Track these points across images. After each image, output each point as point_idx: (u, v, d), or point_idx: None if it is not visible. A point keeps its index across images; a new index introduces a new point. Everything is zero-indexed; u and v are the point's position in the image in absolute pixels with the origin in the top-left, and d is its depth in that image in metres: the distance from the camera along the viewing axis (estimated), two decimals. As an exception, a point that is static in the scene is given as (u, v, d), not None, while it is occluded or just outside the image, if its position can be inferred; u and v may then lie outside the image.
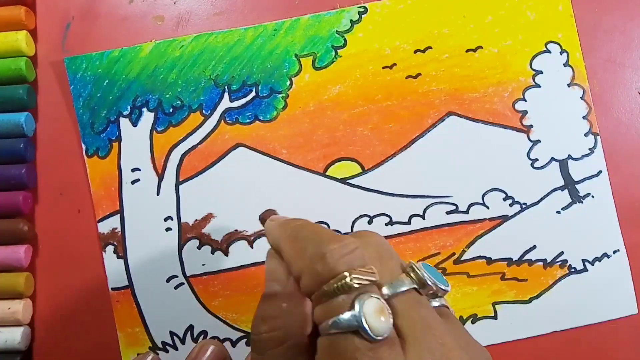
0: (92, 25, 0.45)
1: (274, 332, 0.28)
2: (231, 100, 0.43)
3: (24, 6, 0.43)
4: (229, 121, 0.43)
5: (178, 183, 0.43)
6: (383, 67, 0.44)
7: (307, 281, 0.28)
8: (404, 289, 0.27)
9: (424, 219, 0.43)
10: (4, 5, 0.43)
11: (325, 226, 0.43)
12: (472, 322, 0.43)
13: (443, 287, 0.29)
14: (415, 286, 0.27)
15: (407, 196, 0.43)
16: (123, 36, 0.44)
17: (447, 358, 0.25)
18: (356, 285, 0.26)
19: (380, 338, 0.25)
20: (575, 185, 0.44)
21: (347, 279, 0.26)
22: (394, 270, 0.28)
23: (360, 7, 0.44)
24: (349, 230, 0.43)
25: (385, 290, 0.27)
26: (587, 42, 0.44)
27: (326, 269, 0.27)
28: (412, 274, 0.28)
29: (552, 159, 0.44)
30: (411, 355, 0.25)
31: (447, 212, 0.43)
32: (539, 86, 0.44)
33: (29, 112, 0.44)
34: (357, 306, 0.25)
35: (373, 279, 0.26)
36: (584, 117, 0.44)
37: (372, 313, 0.25)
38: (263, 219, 0.35)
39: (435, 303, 0.29)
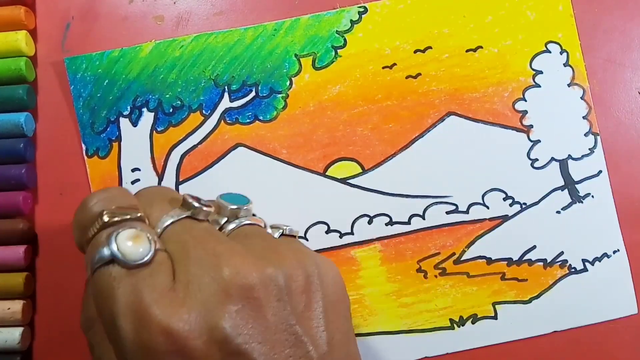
0: (92, 25, 0.45)
1: (83, 315, 0.31)
2: (231, 100, 0.43)
3: (23, 6, 0.43)
4: (228, 121, 0.43)
5: (178, 183, 0.43)
6: (383, 67, 0.44)
7: (76, 232, 0.29)
8: (176, 219, 0.27)
9: (424, 219, 0.43)
10: (3, 5, 0.43)
11: (325, 226, 0.43)
12: (472, 322, 0.43)
13: (241, 206, 0.29)
14: (187, 214, 0.28)
15: (407, 196, 0.43)
16: (123, 36, 0.44)
17: (216, 263, 0.25)
18: (114, 219, 0.26)
19: (138, 262, 0.25)
20: (575, 185, 0.44)
21: (104, 216, 0.26)
22: (165, 208, 0.28)
23: (360, 7, 0.44)
24: (349, 230, 0.43)
25: (158, 227, 0.27)
26: (586, 42, 0.44)
27: (86, 215, 0.28)
28: (184, 205, 0.28)
29: (552, 158, 0.44)
30: (178, 272, 0.25)
31: (447, 212, 0.43)
32: (539, 86, 0.44)
33: (29, 112, 0.44)
34: (112, 238, 0.25)
35: (132, 213, 0.27)
36: (584, 117, 0.44)
37: (126, 240, 0.25)
38: None
39: (240, 223, 0.29)
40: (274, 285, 0.25)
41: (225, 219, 0.29)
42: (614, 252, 0.44)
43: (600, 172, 0.44)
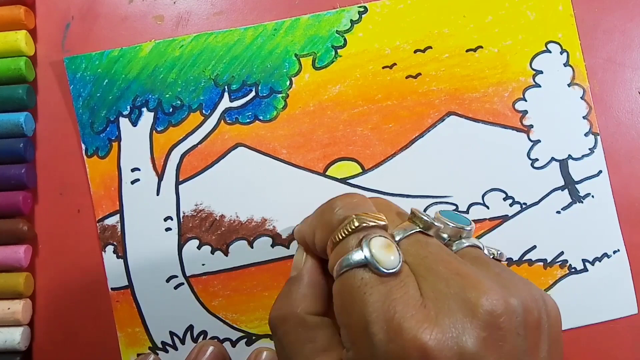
0: (91, 25, 0.45)
1: (278, 311, 0.30)
2: (231, 100, 0.43)
3: (23, 6, 0.43)
4: (228, 121, 0.43)
5: (178, 183, 0.43)
6: (383, 67, 0.44)
7: (320, 234, 0.29)
8: (410, 232, 0.28)
9: (424, 218, 0.43)
10: (3, 5, 0.43)
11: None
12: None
13: (464, 227, 0.29)
14: (419, 229, 0.28)
15: (407, 196, 0.43)
16: (123, 36, 0.44)
17: (465, 285, 0.25)
18: (363, 225, 0.27)
19: (389, 271, 0.25)
20: (576, 185, 0.44)
21: (355, 221, 0.27)
22: (396, 219, 0.29)
23: (360, 6, 0.44)
24: (349, 230, 0.43)
25: (391, 236, 0.27)
26: (586, 42, 0.44)
27: (334, 216, 0.28)
28: (414, 219, 0.28)
29: (552, 158, 0.44)
30: (425, 288, 0.25)
31: (447, 212, 0.43)
32: (539, 86, 0.44)
33: (29, 112, 0.44)
34: (364, 243, 0.26)
35: (379, 221, 0.27)
36: (584, 117, 0.44)
37: (379, 248, 0.26)
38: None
39: (463, 243, 0.29)
40: (515, 317, 0.25)
41: (448, 237, 0.29)
42: (614, 252, 0.44)
43: (600, 172, 0.44)
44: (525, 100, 0.44)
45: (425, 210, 0.43)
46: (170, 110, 0.43)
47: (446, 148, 0.43)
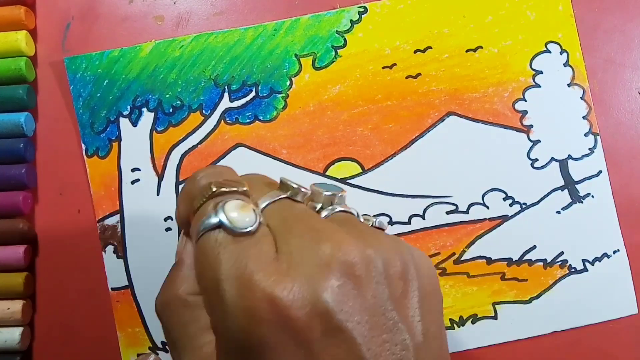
0: (92, 25, 0.45)
1: (160, 297, 0.29)
2: (231, 100, 0.43)
3: (23, 6, 0.43)
4: (228, 121, 0.43)
5: (178, 183, 0.43)
6: (383, 67, 0.44)
7: (182, 205, 0.29)
8: (275, 198, 0.28)
9: (423, 219, 0.43)
10: (3, 5, 0.43)
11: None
12: (472, 322, 0.43)
13: (336, 193, 0.29)
14: (286, 195, 0.28)
15: (407, 196, 0.43)
16: (123, 36, 0.44)
17: (319, 238, 0.25)
18: (222, 190, 0.27)
19: (243, 230, 0.25)
20: (575, 185, 0.44)
21: (212, 187, 0.27)
22: (265, 189, 0.29)
23: (360, 7, 0.44)
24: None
25: (259, 205, 0.27)
26: (587, 42, 0.44)
27: (195, 185, 0.28)
28: (282, 187, 0.28)
29: (552, 159, 0.44)
30: (280, 245, 0.25)
31: (447, 212, 0.43)
32: (539, 86, 0.44)
33: (29, 112, 0.44)
34: (219, 206, 0.25)
35: (239, 187, 0.27)
36: (584, 117, 0.44)
37: (234, 208, 0.25)
38: None
39: (335, 209, 0.28)
40: (373, 267, 0.25)
41: (320, 205, 0.29)
42: (614, 252, 0.44)
43: (600, 172, 0.44)
44: (525, 101, 0.44)
45: (425, 210, 0.43)
46: (171, 110, 0.43)
47: (446, 148, 0.43)
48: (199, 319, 0.28)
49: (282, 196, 0.28)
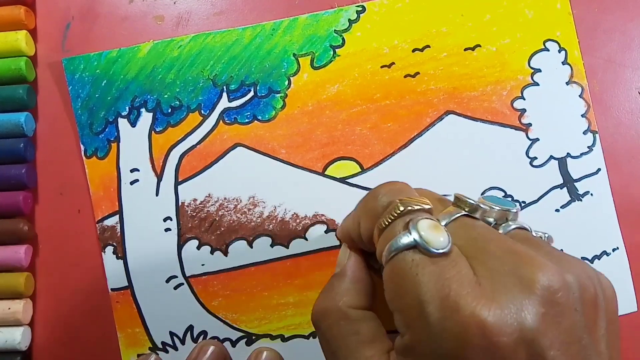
0: (92, 25, 0.45)
1: (320, 305, 0.30)
2: (229, 100, 0.44)
3: (23, 6, 0.43)
4: (227, 121, 0.43)
5: (177, 183, 0.43)
6: (381, 66, 0.44)
7: (365, 223, 0.29)
8: (455, 216, 0.28)
9: (423, 218, 0.43)
10: (3, 5, 0.44)
11: (324, 226, 0.43)
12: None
13: (510, 209, 0.29)
14: (465, 212, 0.28)
15: (406, 195, 0.43)
16: (123, 36, 0.45)
17: (519, 263, 0.24)
18: (408, 208, 0.27)
19: (440, 251, 0.25)
20: (574, 184, 0.43)
21: (399, 205, 0.27)
22: (438, 206, 0.29)
23: (358, 6, 0.44)
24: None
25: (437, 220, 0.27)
26: (586, 42, 0.44)
27: (378, 203, 0.28)
28: (459, 203, 0.28)
29: (551, 157, 0.43)
30: (478, 267, 0.25)
31: (447, 211, 0.43)
32: (538, 84, 0.44)
33: (29, 112, 0.44)
34: (411, 225, 0.26)
35: (424, 205, 0.27)
36: (582, 115, 0.44)
37: (427, 229, 0.25)
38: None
39: (510, 226, 0.28)
40: (571, 293, 0.25)
41: (494, 220, 0.29)
42: (613, 250, 0.43)
43: (599, 170, 0.44)
44: (524, 99, 0.43)
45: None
46: (169, 110, 0.43)
47: (445, 147, 0.43)
48: (359, 332, 0.29)
49: (462, 214, 0.28)
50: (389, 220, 0.27)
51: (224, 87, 0.44)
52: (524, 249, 0.25)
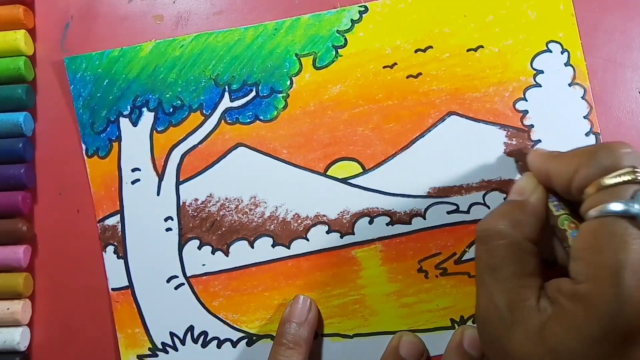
0: (91, 24, 0.45)
1: (503, 227, 0.32)
2: (231, 100, 0.43)
3: (22, 5, 0.43)
4: (229, 121, 0.43)
5: (178, 183, 0.43)
6: (384, 67, 0.43)
7: (587, 172, 0.30)
8: None
9: (424, 218, 0.43)
10: (2, 4, 0.43)
11: (326, 226, 0.43)
12: (473, 322, 0.43)
13: None
14: None
15: (408, 196, 0.43)
16: (122, 36, 0.44)
17: None
18: (638, 179, 0.28)
19: None
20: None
21: (631, 174, 0.28)
22: None
23: (360, 6, 0.44)
24: (350, 231, 0.43)
25: None
26: (587, 42, 0.44)
27: (609, 161, 0.29)
28: None
29: (553, 158, 0.44)
30: None
31: (448, 212, 0.43)
32: (540, 86, 0.44)
33: (28, 112, 0.44)
34: (638, 197, 0.27)
35: None
36: (584, 117, 0.44)
37: None
38: (518, 151, 0.42)
39: None
40: None
41: None
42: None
43: (601, 171, 0.44)
44: (526, 100, 0.43)
45: (426, 210, 0.43)
46: (171, 110, 0.43)
47: (447, 148, 0.43)
48: (527, 263, 0.31)
49: None
50: (617, 182, 0.28)
51: (226, 86, 0.43)
52: None
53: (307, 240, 0.43)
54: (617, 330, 0.26)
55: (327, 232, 0.43)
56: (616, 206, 0.27)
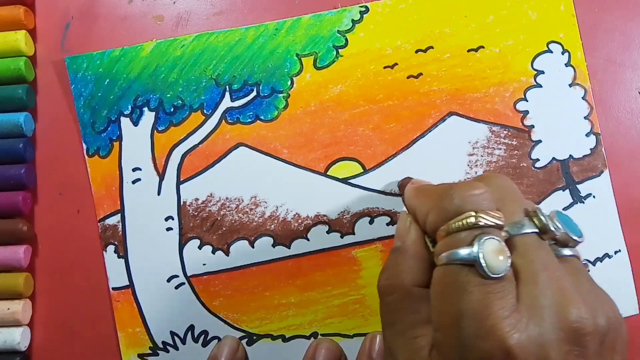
0: (91, 25, 0.45)
1: (387, 280, 0.31)
2: (232, 100, 0.43)
3: (23, 6, 0.43)
4: (230, 121, 0.43)
5: (179, 183, 0.43)
6: (384, 67, 0.43)
7: (434, 217, 0.30)
8: (525, 231, 0.28)
9: (425, 218, 0.43)
10: (3, 4, 0.43)
11: (326, 226, 0.43)
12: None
13: (574, 237, 0.29)
14: (536, 230, 0.28)
15: (409, 196, 0.43)
16: (122, 36, 0.44)
17: (561, 300, 0.26)
18: (481, 224, 0.27)
19: (495, 276, 0.26)
20: (577, 186, 0.44)
21: (472, 218, 0.27)
22: (516, 212, 0.29)
23: (361, 6, 0.44)
24: (351, 231, 0.43)
25: (505, 230, 0.28)
26: (587, 42, 0.44)
27: (453, 206, 0.28)
28: (534, 219, 0.29)
29: (554, 159, 0.44)
30: (523, 294, 0.26)
31: (449, 212, 0.43)
32: (540, 86, 0.44)
33: (28, 112, 0.43)
34: (476, 243, 0.26)
35: (498, 222, 0.27)
36: (585, 117, 0.44)
37: (491, 252, 0.26)
38: (402, 185, 0.40)
39: (566, 252, 0.29)
40: (598, 339, 0.26)
41: (554, 241, 0.29)
42: (615, 252, 0.44)
43: (601, 172, 0.44)
44: (527, 101, 0.44)
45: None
46: (172, 110, 0.43)
47: (447, 148, 0.43)
48: (419, 311, 0.30)
49: (533, 231, 0.28)
50: (457, 228, 0.28)
51: (227, 86, 0.43)
52: (570, 285, 0.27)
53: (308, 240, 0.43)
54: None
55: (328, 232, 0.43)
56: (458, 253, 0.27)
